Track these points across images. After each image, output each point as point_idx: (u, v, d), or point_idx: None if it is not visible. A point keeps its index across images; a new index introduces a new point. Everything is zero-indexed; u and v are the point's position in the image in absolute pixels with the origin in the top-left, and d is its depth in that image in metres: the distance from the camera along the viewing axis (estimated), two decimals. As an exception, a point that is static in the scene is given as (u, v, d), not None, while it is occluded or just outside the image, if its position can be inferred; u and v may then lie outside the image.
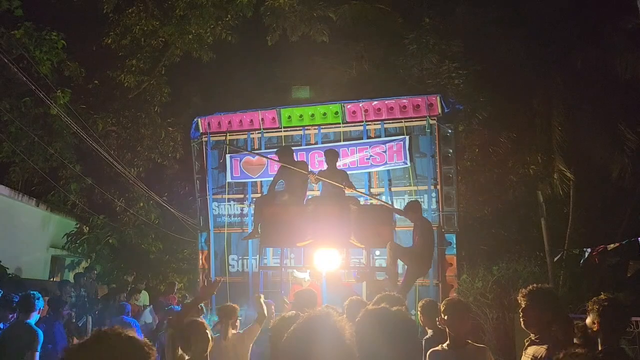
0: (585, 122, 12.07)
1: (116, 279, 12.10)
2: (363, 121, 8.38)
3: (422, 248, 6.25)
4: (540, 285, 3.26)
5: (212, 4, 12.74)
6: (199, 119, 8.98)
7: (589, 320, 3.20)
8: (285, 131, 8.68)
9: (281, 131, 8.68)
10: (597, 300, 3.15)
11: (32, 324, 4.73)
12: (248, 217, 8.53)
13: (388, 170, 8.23)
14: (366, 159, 8.19)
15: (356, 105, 8.43)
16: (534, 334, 3.14)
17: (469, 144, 12.25)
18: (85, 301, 8.93)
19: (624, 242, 9.50)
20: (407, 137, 8.06)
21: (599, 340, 3.11)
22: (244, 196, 8.78)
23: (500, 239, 12.80)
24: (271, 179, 7.68)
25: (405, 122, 8.18)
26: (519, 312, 3.21)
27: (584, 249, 9.98)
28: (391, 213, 7.02)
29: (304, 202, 7.22)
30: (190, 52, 13.32)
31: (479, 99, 11.69)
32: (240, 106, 10.13)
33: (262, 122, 8.68)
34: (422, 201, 7.69)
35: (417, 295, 7.02)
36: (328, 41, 13.48)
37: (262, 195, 8.26)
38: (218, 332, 4.38)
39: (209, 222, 8.78)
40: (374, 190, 8.30)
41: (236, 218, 8.78)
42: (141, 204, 12.65)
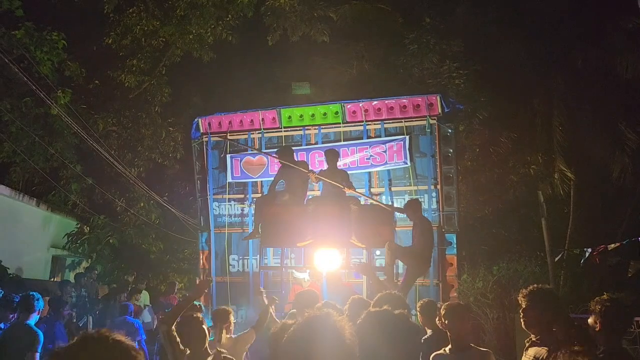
0: (585, 121, 12.08)
1: (117, 279, 12.10)
2: (363, 121, 8.36)
3: (422, 247, 6.24)
4: (541, 286, 3.26)
5: (213, 4, 12.73)
6: (200, 119, 8.98)
7: (591, 320, 3.20)
8: (285, 131, 8.67)
9: (281, 131, 8.67)
10: (600, 301, 3.15)
11: (32, 324, 4.73)
12: (248, 217, 8.53)
13: (388, 170, 8.22)
14: (366, 158, 8.18)
15: (356, 105, 8.42)
16: (535, 335, 3.14)
17: (470, 143, 12.24)
18: (85, 301, 8.94)
19: (625, 242, 9.52)
20: (407, 137, 8.04)
21: (600, 340, 3.11)
22: (244, 196, 8.78)
23: (501, 238, 12.80)
24: (271, 179, 7.69)
25: (405, 122, 8.17)
26: (520, 312, 3.21)
27: (585, 249, 9.99)
28: (392, 213, 7.02)
29: (305, 202, 7.23)
30: (191, 52, 13.32)
31: (479, 99, 11.68)
32: (240, 106, 10.13)
33: (262, 122, 8.67)
34: (422, 201, 7.68)
35: (417, 295, 7.00)
36: (328, 41, 13.48)
37: (262, 195, 8.26)
38: (212, 336, 4.38)
39: (209, 222, 8.77)
40: (374, 190, 8.29)
41: (237, 218, 8.78)
42: (142, 204, 12.64)
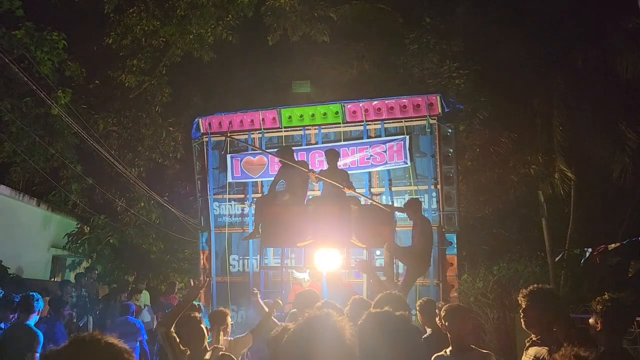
0: (586, 121, 12.07)
1: (117, 279, 12.10)
2: (363, 121, 8.36)
3: (422, 247, 6.24)
4: (541, 286, 3.26)
5: (213, 4, 12.74)
6: (200, 119, 8.98)
7: (592, 320, 3.20)
8: (285, 131, 8.67)
9: (282, 131, 8.68)
10: (601, 301, 3.16)
11: (32, 325, 4.74)
12: (249, 217, 8.53)
13: (388, 170, 8.22)
14: (366, 158, 8.18)
15: (356, 105, 8.42)
16: (535, 335, 3.14)
17: (470, 143, 12.24)
18: (86, 301, 8.94)
19: (625, 242, 9.52)
20: (408, 137, 8.04)
21: (601, 340, 3.12)
22: (244, 196, 8.78)
23: (501, 238, 12.79)
24: (272, 179, 7.69)
25: (405, 121, 8.17)
26: (520, 312, 3.21)
27: (585, 248, 10.00)
28: (392, 213, 7.02)
29: (305, 202, 7.23)
30: (191, 52, 13.32)
31: (479, 99, 11.68)
32: (240, 106, 10.14)
33: (262, 122, 8.68)
34: (422, 201, 7.68)
35: (417, 295, 7.00)
36: (329, 41, 13.49)
37: (262, 195, 8.26)
38: (210, 337, 4.37)
39: (209, 222, 8.78)
40: (375, 190, 8.29)
41: (237, 218, 8.79)
42: (142, 204, 12.64)
